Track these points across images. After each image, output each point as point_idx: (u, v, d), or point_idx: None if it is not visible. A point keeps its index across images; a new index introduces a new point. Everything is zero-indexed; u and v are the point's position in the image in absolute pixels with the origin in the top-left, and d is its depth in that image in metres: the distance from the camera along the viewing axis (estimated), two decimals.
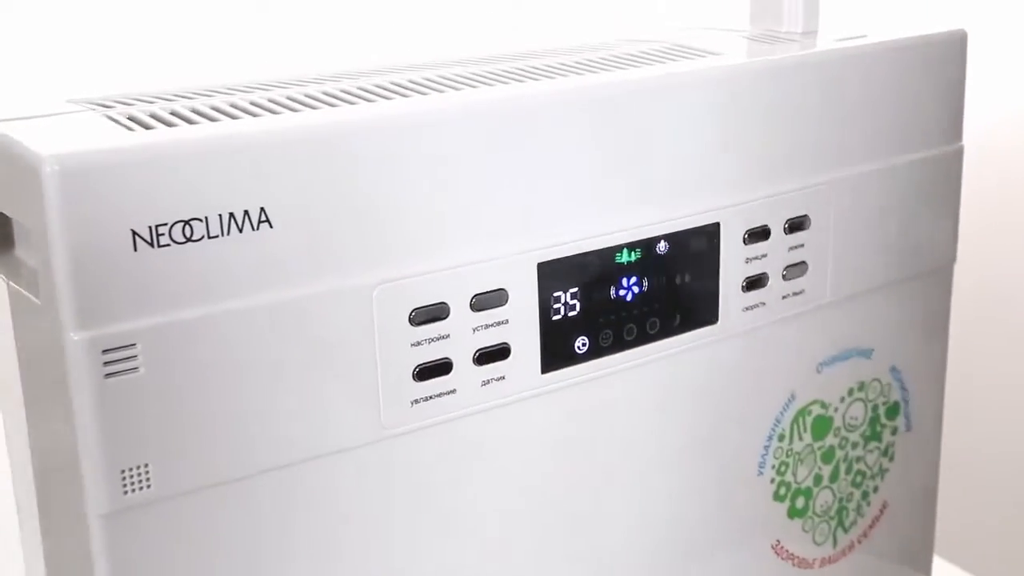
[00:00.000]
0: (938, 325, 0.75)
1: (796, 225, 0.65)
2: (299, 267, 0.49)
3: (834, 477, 0.72)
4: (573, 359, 0.58)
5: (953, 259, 0.74)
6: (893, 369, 0.73)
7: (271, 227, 0.49)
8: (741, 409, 0.66)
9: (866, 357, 0.71)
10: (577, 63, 0.61)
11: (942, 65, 0.69)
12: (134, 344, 0.46)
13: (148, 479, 0.48)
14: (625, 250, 0.59)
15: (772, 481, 0.69)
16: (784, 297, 0.65)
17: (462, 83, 0.57)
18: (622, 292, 0.59)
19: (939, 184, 0.71)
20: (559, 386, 0.58)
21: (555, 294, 0.57)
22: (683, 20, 0.73)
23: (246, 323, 0.49)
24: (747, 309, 0.64)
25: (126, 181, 0.45)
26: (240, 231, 0.48)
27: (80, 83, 0.57)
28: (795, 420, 0.69)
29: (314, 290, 0.50)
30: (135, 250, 0.46)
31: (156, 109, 0.51)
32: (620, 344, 0.60)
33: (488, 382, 0.56)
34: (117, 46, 0.65)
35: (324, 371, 0.51)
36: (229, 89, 0.55)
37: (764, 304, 0.65)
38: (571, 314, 0.58)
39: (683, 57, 0.63)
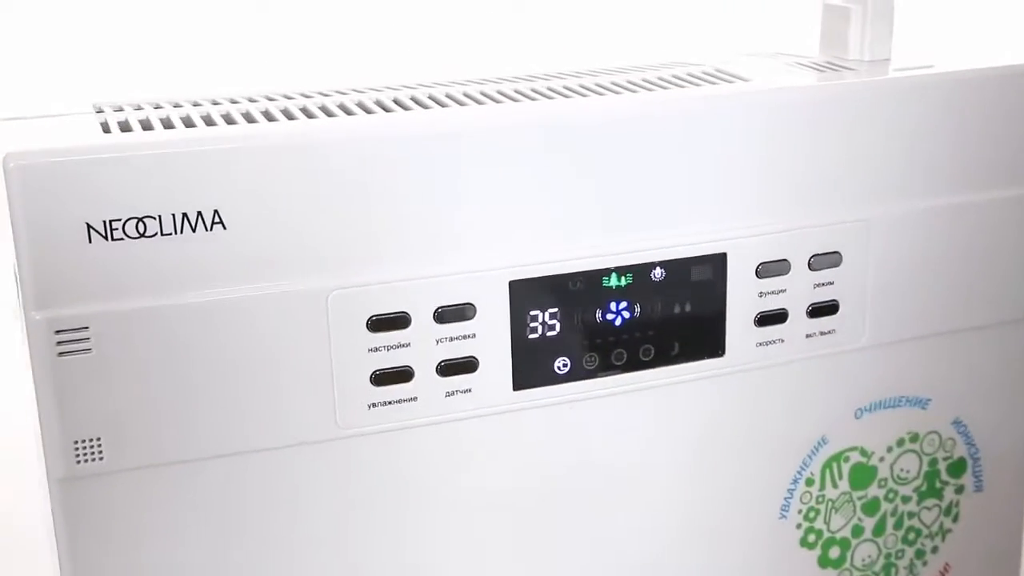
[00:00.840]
0: (1019, 379, 0.69)
1: (824, 262, 0.62)
2: (252, 268, 0.53)
3: (879, 530, 0.68)
4: (552, 379, 0.59)
5: None
6: (957, 423, 0.68)
7: (224, 228, 0.52)
8: (758, 448, 0.64)
9: (921, 407, 0.67)
10: (597, 85, 0.61)
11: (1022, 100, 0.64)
12: (86, 327, 0.51)
13: (100, 452, 0.52)
14: (614, 274, 0.58)
15: (798, 527, 0.66)
16: (809, 336, 0.63)
17: (440, 101, 0.58)
18: (610, 316, 0.59)
19: (1017, 228, 0.66)
20: (535, 404, 0.58)
21: (531, 313, 0.57)
22: (767, 47, 0.71)
23: (197, 317, 0.52)
24: (761, 344, 0.62)
25: (83, 178, 0.50)
26: (193, 231, 0.51)
27: (138, 85, 0.63)
28: (827, 465, 0.66)
29: (267, 291, 0.53)
30: (90, 242, 0.50)
31: (151, 114, 0.55)
32: (607, 368, 0.59)
33: (453, 393, 0.57)
34: (184, 50, 0.70)
35: (277, 367, 0.54)
36: (236, 99, 0.59)
37: (782, 341, 0.62)
38: (550, 334, 0.58)
39: (707, 82, 0.62)
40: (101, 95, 0.60)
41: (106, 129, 0.53)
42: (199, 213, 0.51)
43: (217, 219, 0.52)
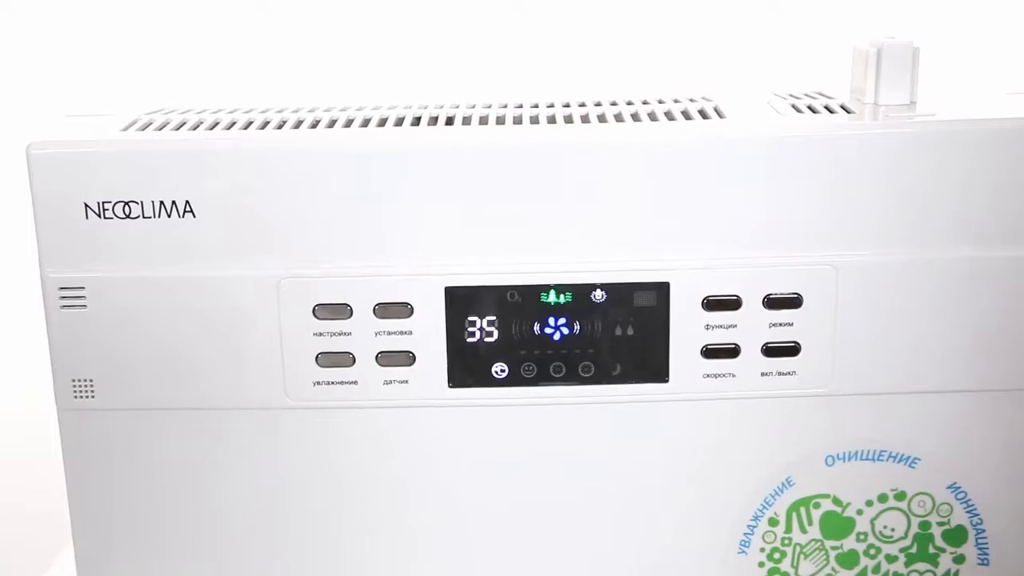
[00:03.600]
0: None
1: (781, 302, 0.62)
2: (215, 253, 0.62)
3: None
4: (489, 382, 0.63)
5: None
6: (955, 488, 0.65)
7: (194, 217, 0.62)
8: (712, 479, 0.65)
9: (908, 465, 0.65)
10: (570, 114, 0.65)
11: None
12: (83, 287, 0.63)
13: (92, 391, 0.64)
14: (553, 291, 0.62)
15: (761, 565, 0.66)
16: (765, 375, 0.63)
17: (406, 122, 0.65)
18: (548, 330, 0.63)
19: (1006, 293, 0.62)
20: (470, 403, 0.63)
21: (469, 318, 0.63)
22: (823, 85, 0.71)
23: (169, 289, 0.62)
24: (709, 376, 0.63)
25: (82, 165, 0.61)
26: (168, 216, 0.62)
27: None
28: (794, 508, 0.65)
29: (227, 273, 0.62)
30: (86, 218, 0.62)
31: (175, 118, 0.66)
32: (546, 379, 0.63)
33: (391, 382, 0.63)
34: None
35: (236, 339, 0.63)
36: (263, 109, 0.69)
37: (734, 376, 0.63)
38: (488, 340, 0.63)
39: (684, 118, 0.64)
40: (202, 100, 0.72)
41: (125, 128, 0.64)
42: (173, 202, 0.61)
43: (188, 208, 0.62)
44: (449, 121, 0.65)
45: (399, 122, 0.65)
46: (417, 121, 0.65)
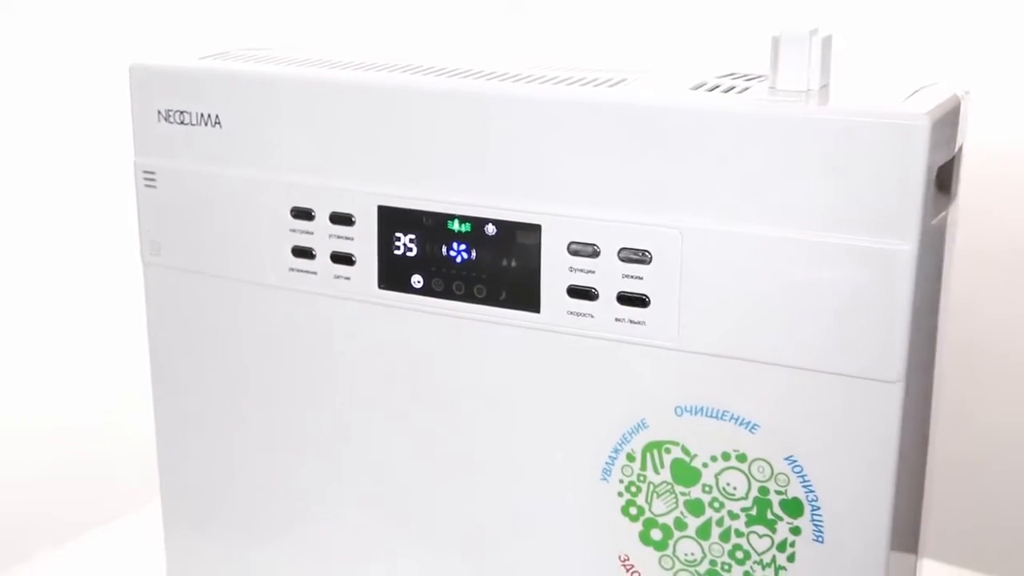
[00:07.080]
0: (876, 443, 0.66)
1: (633, 256, 0.69)
2: (232, 157, 0.80)
3: (704, 534, 0.72)
4: (408, 289, 0.76)
5: (897, 378, 0.65)
6: (791, 460, 0.68)
7: (221, 127, 0.81)
8: (576, 407, 0.73)
9: (747, 430, 0.69)
10: (498, 73, 0.76)
11: (883, 152, 0.62)
12: (155, 172, 0.84)
13: (160, 251, 0.86)
14: (456, 220, 0.74)
15: (620, 495, 0.74)
16: (618, 320, 0.70)
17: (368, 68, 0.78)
18: (452, 253, 0.75)
19: (866, 283, 0.64)
20: (394, 305, 0.77)
21: (396, 234, 0.76)
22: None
23: (203, 181, 0.82)
24: (572, 314, 0.72)
25: (158, 81, 0.82)
26: (205, 125, 0.81)
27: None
28: (648, 449, 0.72)
29: (239, 173, 0.80)
30: (158, 121, 0.83)
31: (240, 54, 0.85)
32: (449, 294, 0.75)
33: (339, 277, 0.78)
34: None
35: (242, 225, 0.81)
36: (310, 57, 0.86)
37: (592, 316, 0.71)
38: (409, 254, 0.76)
39: (589, 85, 0.72)
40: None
41: (202, 58, 0.84)
42: (209, 115, 0.81)
43: (217, 120, 0.81)
44: (389, 69, 0.78)
45: (347, 66, 0.79)
46: (362, 67, 0.78)
